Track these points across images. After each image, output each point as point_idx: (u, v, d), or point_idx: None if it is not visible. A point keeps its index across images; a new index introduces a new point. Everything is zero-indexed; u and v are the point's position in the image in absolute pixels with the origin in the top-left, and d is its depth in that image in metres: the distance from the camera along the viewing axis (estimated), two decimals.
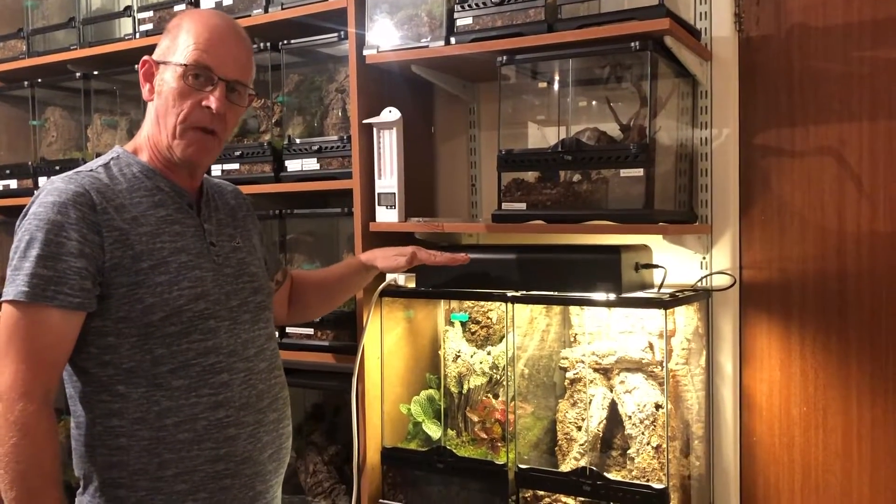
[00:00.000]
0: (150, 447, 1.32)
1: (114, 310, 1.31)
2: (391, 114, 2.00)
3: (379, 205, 2.04)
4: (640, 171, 1.68)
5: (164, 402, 1.32)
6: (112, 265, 1.30)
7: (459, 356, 2.04)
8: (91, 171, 1.38)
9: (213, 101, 1.38)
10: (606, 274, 1.75)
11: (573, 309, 2.01)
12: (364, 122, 2.03)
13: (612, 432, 1.89)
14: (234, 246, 1.48)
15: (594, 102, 1.99)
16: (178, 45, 1.38)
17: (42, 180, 2.67)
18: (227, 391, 1.37)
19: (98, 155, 2.04)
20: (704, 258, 1.97)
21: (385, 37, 2.01)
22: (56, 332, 1.27)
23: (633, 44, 1.68)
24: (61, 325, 1.27)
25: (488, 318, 2.09)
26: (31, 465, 1.23)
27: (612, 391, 1.89)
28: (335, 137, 2.12)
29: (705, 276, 1.96)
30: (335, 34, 2.10)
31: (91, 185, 1.33)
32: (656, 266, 1.88)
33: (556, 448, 1.94)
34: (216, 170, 2.28)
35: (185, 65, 1.36)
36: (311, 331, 2.14)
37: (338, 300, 1.89)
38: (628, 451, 1.82)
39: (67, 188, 1.31)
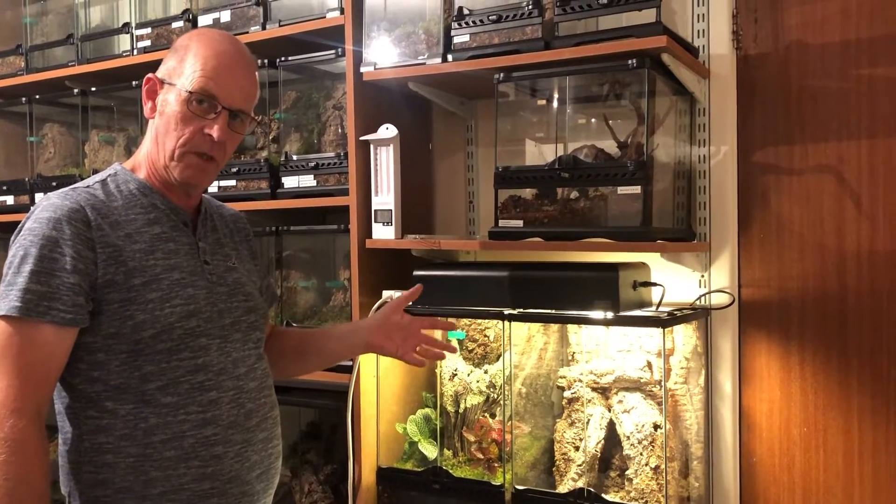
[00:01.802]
0: (137, 464, 1.30)
1: (104, 326, 1.30)
2: (388, 130, 2.00)
3: (375, 221, 2.03)
4: (637, 189, 1.67)
5: (152, 418, 1.31)
6: (105, 281, 1.29)
7: (456, 375, 2.02)
8: (87, 187, 1.38)
9: (215, 131, 1.37)
10: (604, 292, 1.74)
11: (571, 327, 1.99)
12: (361, 138, 2.03)
13: (611, 452, 1.86)
14: (228, 266, 1.47)
15: (592, 120, 1.98)
16: (185, 69, 1.37)
17: (39, 196, 2.67)
18: (215, 409, 1.35)
19: (95, 171, 2.04)
20: (703, 276, 1.95)
21: (382, 54, 2.01)
22: (48, 347, 1.26)
23: (630, 61, 1.68)
24: (54, 340, 1.26)
25: (485, 336, 2.07)
26: (21, 482, 1.21)
27: (610, 411, 1.87)
28: (332, 154, 2.11)
29: (704, 295, 1.94)
30: (332, 51, 2.11)
31: (86, 202, 1.33)
32: (654, 284, 1.86)
33: (553, 468, 1.92)
34: (213, 186, 2.27)
35: (190, 91, 1.36)
36: None
37: (318, 356, 1.69)
38: (626, 472, 1.80)
39: (63, 204, 1.31)
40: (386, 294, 2.02)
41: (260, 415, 1.43)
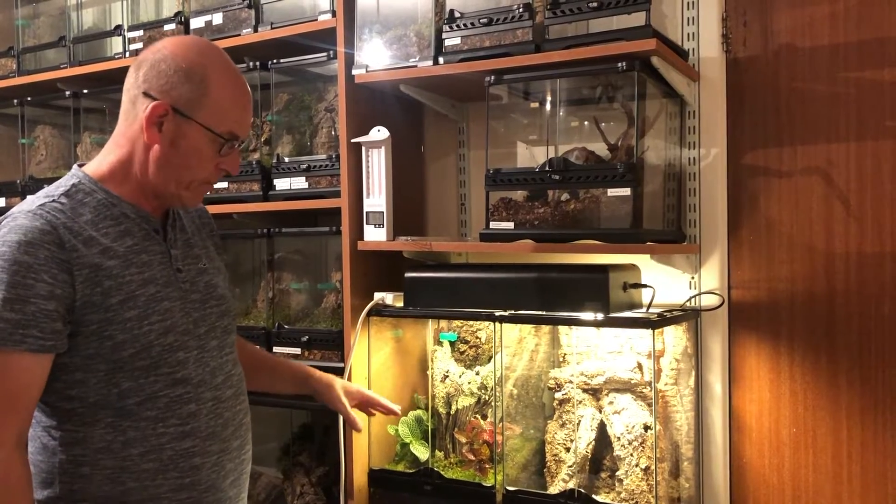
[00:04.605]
0: (114, 476, 1.29)
1: (82, 347, 1.27)
2: (380, 133, 2.00)
3: (367, 223, 2.04)
4: (627, 191, 1.68)
5: (131, 432, 1.30)
6: (82, 303, 1.26)
7: (448, 376, 2.02)
8: (53, 200, 1.30)
9: (233, 168, 1.40)
10: (594, 293, 1.74)
11: (562, 329, 2.00)
12: (353, 140, 2.03)
13: (601, 453, 1.87)
14: (200, 268, 1.45)
15: (584, 123, 1.99)
16: (208, 104, 1.32)
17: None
18: (194, 421, 1.35)
19: None
20: (693, 278, 1.96)
21: (374, 56, 2.01)
22: (26, 376, 1.23)
23: (620, 64, 1.68)
24: (32, 368, 1.23)
25: (477, 337, 2.08)
26: None
27: (600, 412, 1.88)
28: (324, 156, 2.12)
29: (694, 296, 1.95)
30: (324, 54, 2.11)
31: (57, 221, 1.26)
32: (645, 286, 1.87)
33: (544, 469, 1.92)
34: None
35: (223, 138, 1.35)
36: (298, 350, 2.12)
37: (255, 384, 1.64)
38: (617, 473, 1.81)
39: (32, 226, 1.24)
40: (378, 296, 2.03)
41: (235, 423, 1.43)
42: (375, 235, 2.03)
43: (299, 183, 2.15)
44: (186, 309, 1.38)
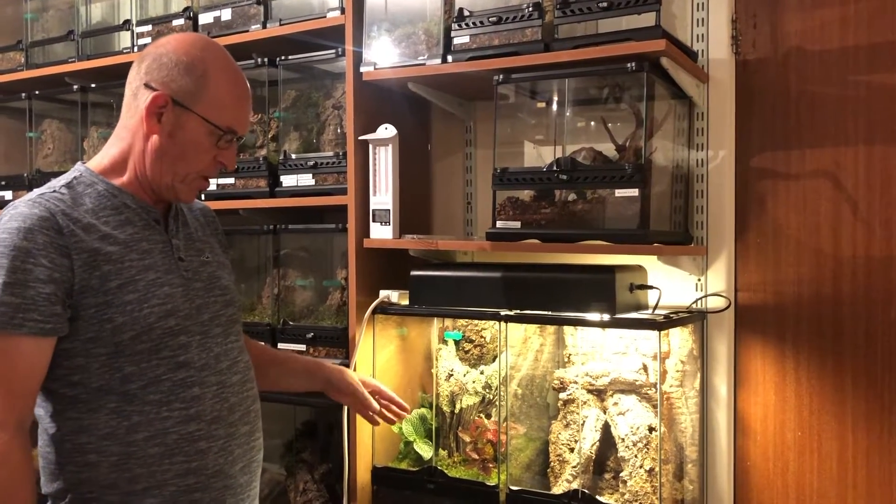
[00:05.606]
0: (120, 462, 1.30)
1: (83, 331, 1.29)
2: (387, 130, 2.00)
3: (373, 221, 2.03)
4: (634, 192, 1.68)
5: (135, 416, 1.31)
6: (81, 287, 1.28)
7: (452, 375, 2.02)
8: (54, 191, 1.34)
9: (231, 162, 1.42)
10: (600, 294, 1.74)
11: (567, 329, 1.99)
12: (360, 138, 2.03)
13: (605, 454, 1.87)
14: (203, 260, 1.47)
15: (591, 123, 1.99)
16: (206, 97, 1.36)
17: None
18: (198, 405, 1.36)
19: None
20: (699, 280, 1.96)
21: (382, 54, 2.01)
22: (28, 359, 1.25)
23: (629, 64, 1.68)
24: (33, 351, 1.25)
25: (482, 337, 2.07)
26: (6, 496, 1.22)
27: (605, 413, 1.87)
28: (331, 153, 2.12)
29: (700, 298, 1.95)
30: (332, 51, 2.11)
31: (56, 208, 1.30)
32: (651, 287, 1.87)
33: (548, 470, 1.92)
34: (211, 184, 2.28)
35: (221, 130, 1.37)
36: (303, 347, 2.13)
37: (263, 381, 1.60)
38: (621, 474, 1.80)
39: (31, 213, 1.28)
40: (383, 294, 2.03)
41: (243, 408, 1.44)
42: (381, 233, 2.02)
43: (306, 180, 2.15)
44: (189, 295, 1.39)
